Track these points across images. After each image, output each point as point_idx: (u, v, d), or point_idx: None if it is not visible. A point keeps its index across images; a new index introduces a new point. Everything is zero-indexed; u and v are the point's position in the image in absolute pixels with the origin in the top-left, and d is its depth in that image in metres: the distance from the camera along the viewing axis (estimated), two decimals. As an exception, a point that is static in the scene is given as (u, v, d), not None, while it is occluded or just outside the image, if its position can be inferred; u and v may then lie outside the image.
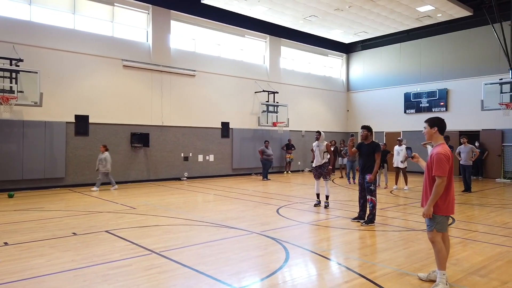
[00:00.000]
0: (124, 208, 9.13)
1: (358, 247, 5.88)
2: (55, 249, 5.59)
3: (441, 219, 4.13)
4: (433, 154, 4.15)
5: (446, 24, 18.39)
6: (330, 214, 8.49)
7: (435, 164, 4.06)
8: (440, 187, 4.00)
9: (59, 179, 12.99)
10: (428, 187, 4.20)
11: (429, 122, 4.36)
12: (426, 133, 4.37)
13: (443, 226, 4.16)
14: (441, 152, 4.10)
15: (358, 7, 15.93)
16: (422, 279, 4.33)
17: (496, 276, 4.47)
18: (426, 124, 4.38)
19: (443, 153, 4.08)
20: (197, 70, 16.54)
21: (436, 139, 4.29)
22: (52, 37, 13.02)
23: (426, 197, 4.22)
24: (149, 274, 4.54)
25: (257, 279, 4.45)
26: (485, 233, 6.74)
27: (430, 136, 4.35)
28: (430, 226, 4.15)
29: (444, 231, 4.19)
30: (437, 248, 4.12)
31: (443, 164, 4.02)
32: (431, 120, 4.37)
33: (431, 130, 4.31)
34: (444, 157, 4.06)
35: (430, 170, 4.15)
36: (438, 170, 4.02)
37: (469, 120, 17.77)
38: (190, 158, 16.28)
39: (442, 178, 4.00)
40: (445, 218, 4.18)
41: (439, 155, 4.08)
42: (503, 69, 15.70)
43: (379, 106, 21.55)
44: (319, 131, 9.45)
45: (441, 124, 4.30)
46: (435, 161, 4.08)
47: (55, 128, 12.88)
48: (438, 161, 4.06)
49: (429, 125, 4.34)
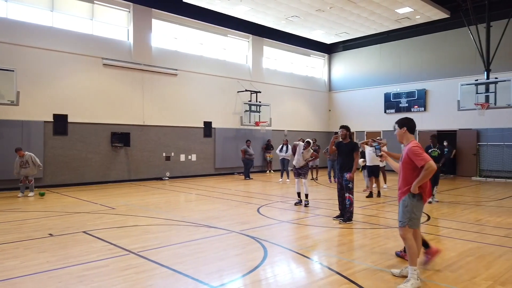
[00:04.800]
0: (103, 208, 9.03)
1: (336, 244, 5.98)
2: (30, 250, 5.51)
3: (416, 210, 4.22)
4: (407, 150, 4.30)
5: (424, 26, 18.80)
6: (310, 212, 8.59)
7: (414, 157, 4.19)
8: (430, 171, 4.09)
9: (37, 179, 12.70)
10: (403, 182, 4.30)
11: (398, 123, 4.51)
12: (397, 133, 4.50)
13: (415, 222, 4.28)
14: (412, 145, 4.26)
15: (339, 8, 16.14)
16: (395, 275, 4.44)
17: (466, 272, 4.62)
18: (396, 125, 4.52)
19: (415, 146, 4.24)
20: (179, 69, 16.45)
21: (407, 138, 4.43)
22: (30, 35, 12.76)
23: (401, 193, 4.33)
24: (125, 274, 4.53)
25: (234, 277, 4.49)
26: (458, 229, 6.94)
27: (401, 137, 4.49)
28: (403, 222, 4.26)
29: (416, 227, 4.31)
30: (408, 244, 4.23)
31: (421, 153, 4.16)
32: (400, 121, 4.52)
33: (401, 131, 4.46)
34: (418, 147, 4.22)
35: (408, 164, 4.28)
36: (420, 160, 4.15)
37: (447, 120, 18.21)
38: (172, 157, 16.19)
39: (428, 163, 4.10)
40: (419, 213, 4.29)
41: (412, 149, 4.23)
42: (478, 70, 16.14)
43: (360, 106, 21.86)
44: (309, 141, 9.47)
45: (410, 124, 4.44)
46: (412, 155, 4.20)
47: (32, 128, 12.62)
48: (415, 153, 4.19)
49: (399, 126, 4.49)
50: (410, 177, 4.25)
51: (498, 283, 4.24)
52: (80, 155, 13.67)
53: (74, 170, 13.54)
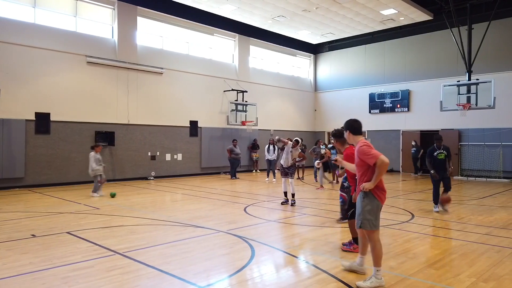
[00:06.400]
0: (87, 208, 8.88)
1: (322, 243, 6.01)
2: (12, 251, 5.38)
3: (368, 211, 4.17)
4: (356, 152, 4.30)
5: (408, 28, 19.11)
6: (296, 211, 8.63)
7: (364, 157, 4.14)
8: (383, 166, 4.01)
9: (18, 179, 12.44)
10: (359, 183, 4.29)
11: (344, 127, 4.53)
12: (346, 137, 4.57)
13: (365, 224, 4.18)
14: (360, 145, 4.24)
15: (325, 9, 16.25)
16: (345, 268, 4.54)
17: (450, 269, 4.71)
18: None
19: (362, 145, 4.21)
20: (165, 68, 16.31)
21: (355, 139, 4.44)
22: (11, 31, 12.45)
23: (356, 194, 4.37)
24: (111, 275, 4.46)
25: (222, 277, 4.48)
26: (442, 228, 7.07)
27: (349, 139, 4.55)
28: (357, 223, 4.28)
29: (370, 229, 4.19)
30: (371, 245, 4.22)
31: (369, 151, 4.10)
32: (345, 124, 4.53)
33: (346, 134, 4.51)
34: (366, 146, 4.18)
35: (361, 166, 4.25)
36: (371, 158, 4.08)
37: (429, 120, 18.55)
38: (157, 157, 16.04)
39: (379, 158, 4.02)
40: (377, 214, 4.22)
41: (360, 149, 4.21)
42: (460, 72, 16.49)
43: (345, 106, 22.06)
44: (298, 140, 9.51)
45: (353, 125, 4.44)
46: (362, 155, 4.16)
47: (13, 126, 12.32)
48: (364, 153, 4.14)
49: (344, 130, 4.51)
50: (367, 178, 4.20)
51: (481, 280, 4.33)
52: (63, 154, 13.42)
53: (57, 169, 13.28)
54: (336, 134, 5.68)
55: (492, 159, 16.69)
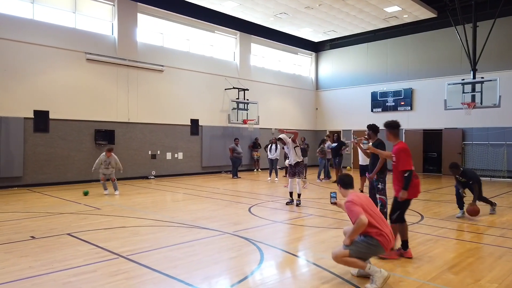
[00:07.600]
0: (87, 209, 8.66)
1: (334, 246, 5.79)
2: (11, 254, 5.15)
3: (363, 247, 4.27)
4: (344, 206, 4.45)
5: (411, 25, 18.89)
6: (303, 212, 8.42)
7: (348, 214, 4.30)
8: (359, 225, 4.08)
9: (16, 178, 12.20)
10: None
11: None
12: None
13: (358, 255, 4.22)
14: (347, 201, 4.36)
15: (328, 6, 16.03)
16: (353, 274, 4.42)
17: (469, 274, 4.51)
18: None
19: (348, 201, 4.32)
20: (166, 65, 16.06)
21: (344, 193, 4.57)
22: (9, 27, 12.18)
23: None
24: (115, 280, 4.24)
25: (232, 282, 4.27)
26: (453, 229, 6.88)
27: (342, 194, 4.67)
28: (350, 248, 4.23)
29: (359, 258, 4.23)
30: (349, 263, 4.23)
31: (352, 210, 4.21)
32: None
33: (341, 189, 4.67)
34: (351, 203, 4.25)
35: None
36: (352, 217, 4.22)
37: (433, 119, 18.35)
38: (158, 156, 15.81)
39: (359, 218, 4.08)
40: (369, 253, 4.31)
41: (345, 205, 4.34)
42: (465, 70, 16.28)
43: (347, 104, 21.85)
44: (280, 137, 9.33)
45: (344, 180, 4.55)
46: (347, 211, 4.31)
47: (11, 124, 12.08)
48: (348, 210, 4.27)
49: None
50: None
51: (503, 285, 4.13)
52: (62, 153, 13.17)
53: (56, 168, 13.04)
54: (393, 125, 5.45)
55: (496, 158, 16.51)
